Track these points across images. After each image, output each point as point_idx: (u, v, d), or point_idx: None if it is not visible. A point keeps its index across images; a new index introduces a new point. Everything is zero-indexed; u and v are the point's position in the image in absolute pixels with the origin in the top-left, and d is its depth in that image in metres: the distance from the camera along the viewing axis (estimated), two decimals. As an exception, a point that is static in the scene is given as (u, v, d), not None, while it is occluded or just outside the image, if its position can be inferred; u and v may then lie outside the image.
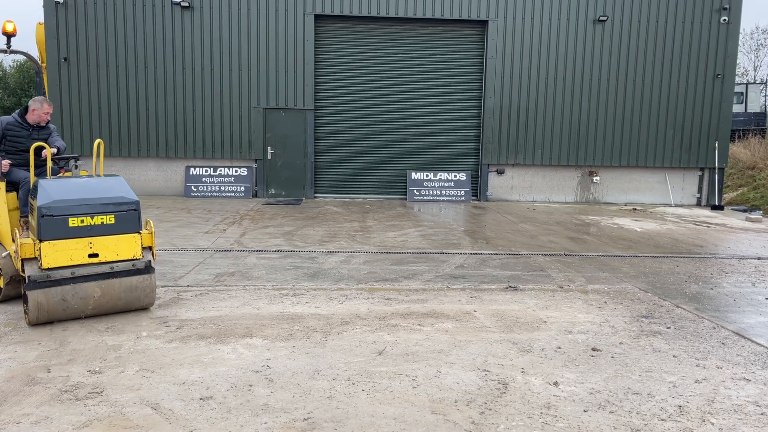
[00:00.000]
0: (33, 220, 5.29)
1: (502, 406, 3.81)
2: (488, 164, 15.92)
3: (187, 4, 14.83)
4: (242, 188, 15.32)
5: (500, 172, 16.00)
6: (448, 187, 15.82)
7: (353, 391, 3.99)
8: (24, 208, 5.93)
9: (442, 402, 3.86)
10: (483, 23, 15.62)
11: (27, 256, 5.10)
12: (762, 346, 5.05)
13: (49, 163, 5.76)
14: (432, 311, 5.86)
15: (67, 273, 5.16)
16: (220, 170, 15.42)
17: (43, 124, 6.30)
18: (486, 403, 3.84)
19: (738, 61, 19.40)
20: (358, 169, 15.88)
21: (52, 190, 5.24)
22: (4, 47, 6.44)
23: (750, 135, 21.40)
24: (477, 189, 16.08)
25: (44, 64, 15.63)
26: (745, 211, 15.10)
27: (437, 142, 15.99)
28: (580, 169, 16.18)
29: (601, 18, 15.48)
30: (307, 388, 4.02)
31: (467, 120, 16.01)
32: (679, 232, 11.43)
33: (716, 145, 15.96)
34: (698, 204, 16.29)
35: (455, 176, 15.90)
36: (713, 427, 3.58)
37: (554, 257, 8.75)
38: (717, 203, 15.85)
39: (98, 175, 5.72)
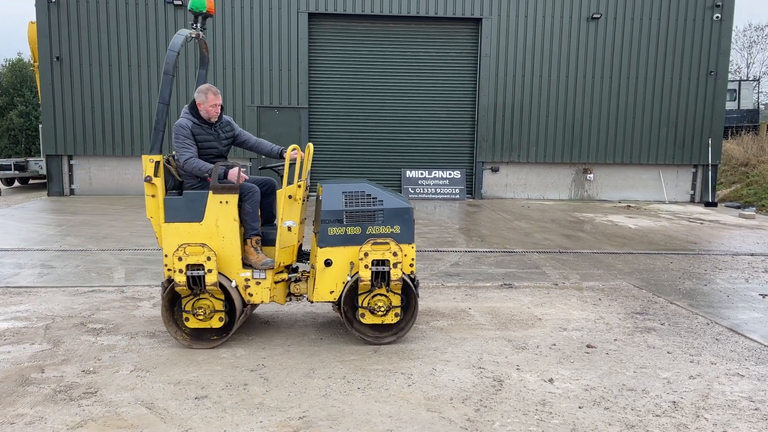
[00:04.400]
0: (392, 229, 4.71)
1: (498, 403, 3.82)
2: (483, 162, 15.94)
3: (180, 3, 14.77)
4: (237, 187, 15.26)
5: (495, 170, 16.03)
6: (442, 185, 15.83)
7: (348, 389, 3.99)
8: (253, 224, 4.80)
9: (437, 399, 3.86)
10: (477, 21, 15.63)
11: None
12: (755, 341, 5.07)
13: (288, 170, 4.79)
14: (427, 309, 5.86)
15: None
16: (215, 169, 15.37)
17: (214, 120, 5.03)
18: (481, 401, 3.85)
19: (731, 58, 19.49)
20: (352, 167, 15.87)
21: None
22: (197, 30, 5.08)
23: (743, 132, 21.49)
24: (472, 187, 16.10)
25: (36, 64, 15.61)
26: (738, 207, 15.17)
27: (432, 140, 16.00)
28: (575, 167, 16.21)
29: (594, 15, 15.51)
30: (303, 387, 4.02)
31: (462, 118, 16.02)
32: (673, 228, 11.47)
33: (709, 142, 16.03)
34: (692, 201, 16.36)
35: (450, 174, 15.91)
36: (707, 422, 3.59)
37: (549, 254, 8.77)
38: (710, 200, 15.91)
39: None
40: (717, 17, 15.76)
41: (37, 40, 14.89)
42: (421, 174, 15.87)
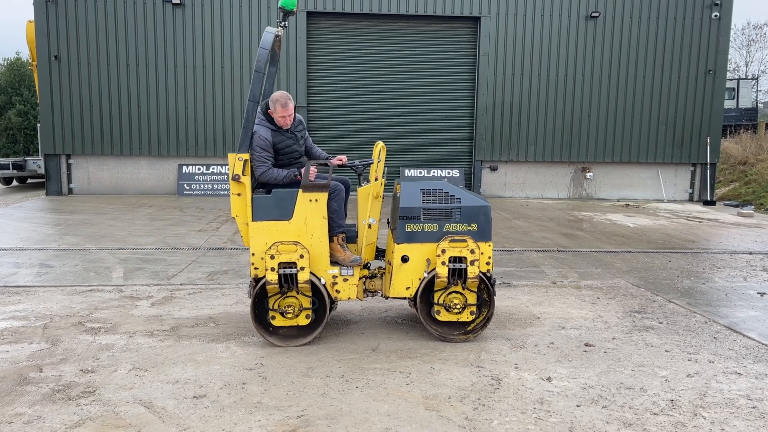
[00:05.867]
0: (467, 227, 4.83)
1: (496, 401, 3.82)
2: (481, 161, 15.94)
3: (178, 2, 14.75)
4: (235, 186, 15.24)
5: (493, 169, 16.02)
6: (441, 184, 15.80)
7: (347, 388, 3.99)
8: (339, 222, 4.90)
9: (435, 398, 3.86)
10: (475, 20, 15.62)
11: None
12: (753, 340, 5.08)
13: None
14: (425, 308, 5.86)
15: None
16: (213, 168, 15.37)
17: (286, 127, 4.93)
18: (479, 399, 3.85)
19: (729, 57, 19.50)
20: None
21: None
22: (284, 27, 5.12)
23: (741, 130, 21.50)
24: (470, 186, 16.09)
25: (35, 63, 15.57)
26: (736, 206, 15.17)
27: (430, 139, 15.99)
28: (573, 165, 16.21)
29: (593, 14, 15.51)
30: (301, 386, 4.02)
31: (460, 117, 16.02)
32: (672, 227, 11.48)
33: (708, 140, 16.03)
34: (690, 199, 16.37)
35: (449, 173, 15.91)
36: (705, 420, 3.60)
37: (547, 253, 8.77)
38: (709, 199, 15.92)
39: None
40: (715, 16, 15.76)
41: (35, 39, 14.86)
42: (420, 173, 15.87)
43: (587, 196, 16.30)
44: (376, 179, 4.93)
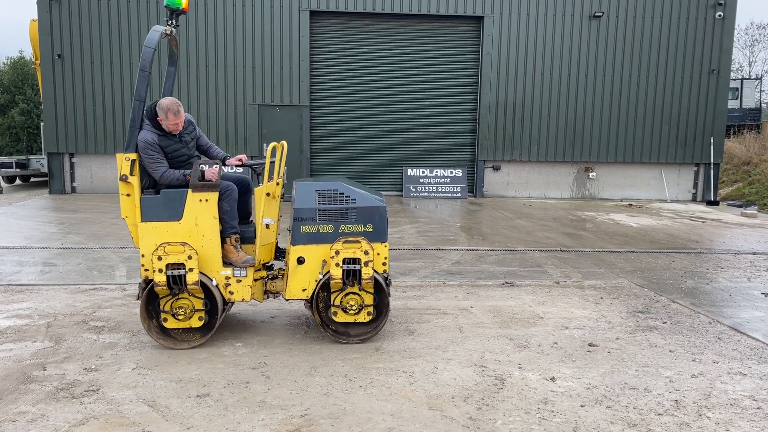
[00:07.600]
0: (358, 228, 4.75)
1: (500, 401, 3.82)
2: (484, 160, 15.92)
3: None
4: (238, 185, 15.24)
5: (496, 169, 16.01)
6: (444, 183, 15.82)
7: (350, 388, 3.99)
8: (232, 222, 4.81)
9: (439, 398, 3.86)
10: (478, 19, 15.60)
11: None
12: (758, 340, 5.06)
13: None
14: (429, 307, 5.86)
15: None
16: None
17: (177, 132, 4.82)
18: (483, 399, 3.84)
19: (733, 57, 19.44)
20: (353, 165, 15.86)
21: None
22: (172, 26, 5.08)
23: (745, 130, 21.45)
24: (473, 185, 16.08)
25: (38, 61, 15.60)
26: (740, 206, 15.14)
27: (433, 138, 15.98)
28: (576, 165, 16.19)
29: (596, 14, 15.48)
30: (304, 385, 4.02)
31: (463, 116, 16.00)
32: (675, 227, 11.45)
33: (711, 140, 16.00)
34: (694, 199, 16.34)
35: (451, 173, 15.90)
36: (710, 421, 3.59)
37: (550, 253, 8.76)
38: (712, 199, 15.89)
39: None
40: (719, 15, 15.73)
41: (38, 38, 14.89)
42: (423, 172, 15.86)
43: (590, 196, 16.28)
44: (271, 179, 4.89)
